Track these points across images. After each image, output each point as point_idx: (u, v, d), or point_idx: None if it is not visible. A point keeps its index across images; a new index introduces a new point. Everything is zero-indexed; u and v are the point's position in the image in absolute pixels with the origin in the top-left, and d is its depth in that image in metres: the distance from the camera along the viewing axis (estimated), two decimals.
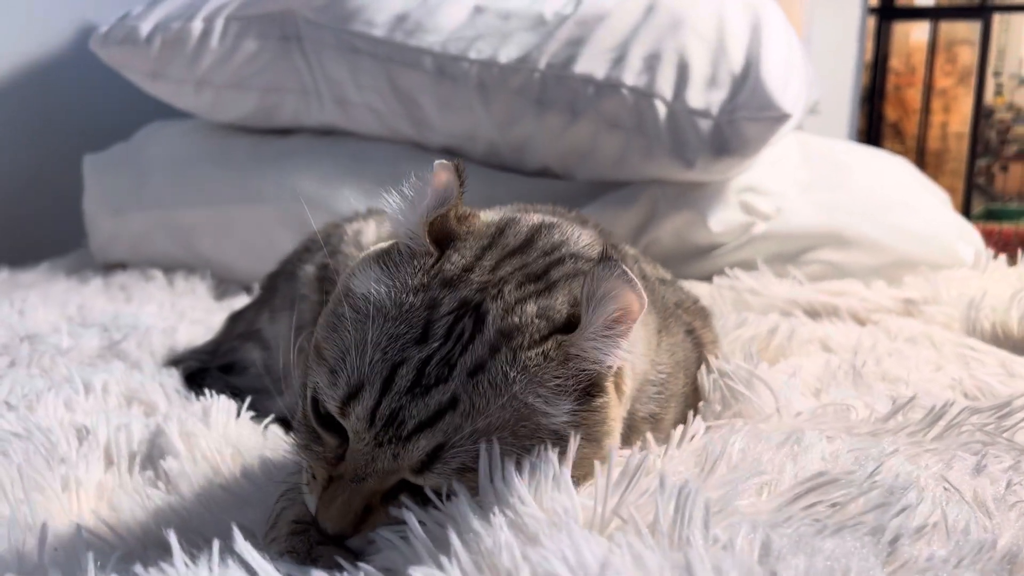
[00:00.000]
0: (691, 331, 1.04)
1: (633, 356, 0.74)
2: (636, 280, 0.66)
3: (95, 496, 0.87)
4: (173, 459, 0.93)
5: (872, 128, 3.15)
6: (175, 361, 1.37)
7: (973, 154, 3.11)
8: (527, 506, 0.64)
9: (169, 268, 2.07)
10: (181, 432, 0.97)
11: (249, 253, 1.98)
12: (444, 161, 0.73)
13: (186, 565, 0.59)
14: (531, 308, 0.70)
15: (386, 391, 0.67)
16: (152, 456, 0.95)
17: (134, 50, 2.07)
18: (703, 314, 1.12)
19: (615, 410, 0.72)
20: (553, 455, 0.68)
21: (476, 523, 0.62)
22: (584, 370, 0.69)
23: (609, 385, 0.71)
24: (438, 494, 0.68)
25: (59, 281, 2.02)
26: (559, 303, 0.71)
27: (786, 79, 1.74)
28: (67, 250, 2.37)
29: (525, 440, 0.67)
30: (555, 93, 1.83)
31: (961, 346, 1.32)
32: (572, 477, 0.68)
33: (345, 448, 0.70)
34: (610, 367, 0.70)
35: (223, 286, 2.01)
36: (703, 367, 1.04)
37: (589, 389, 0.70)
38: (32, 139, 2.53)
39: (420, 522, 0.65)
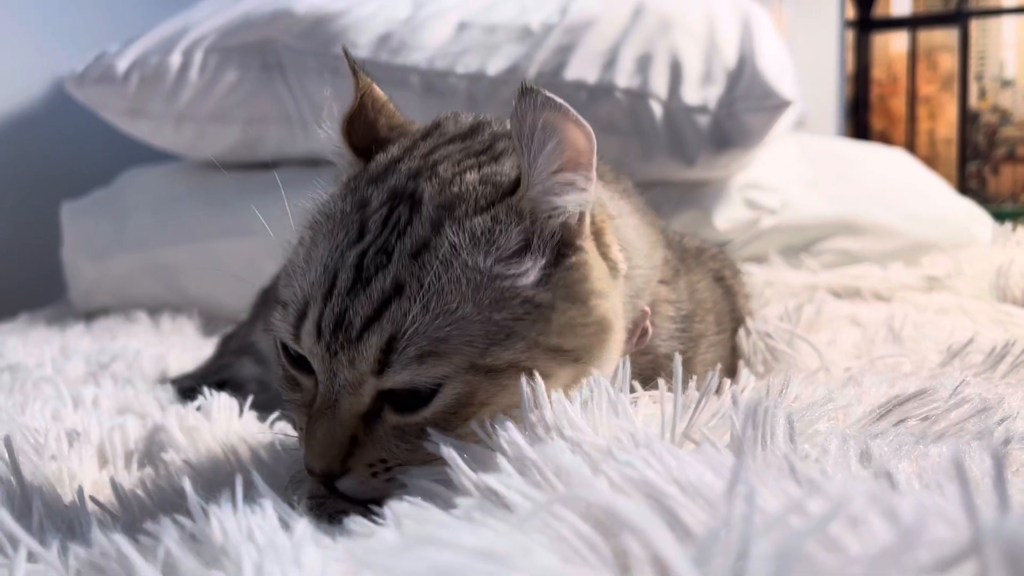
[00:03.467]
0: (720, 279, 0.98)
1: (611, 211, 0.68)
2: (569, 107, 0.59)
3: (91, 491, 0.77)
4: (175, 452, 0.84)
5: (859, 139, 3.13)
6: (168, 382, 1.29)
7: (963, 159, 3.09)
8: (583, 433, 0.56)
9: (154, 310, 1.98)
10: (182, 427, 0.89)
11: (237, 287, 1.88)
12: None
13: (203, 511, 0.51)
14: (472, 177, 0.65)
15: (328, 298, 0.62)
16: (151, 453, 0.87)
17: (111, 88, 2.01)
18: (731, 264, 1.06)
19: (599, 268, 0.66)
20: (605, 382, 0.61)
21: (529, 451, 0.55)
22: (545, 227, 0.63)
23: (586, 244, 0.65)
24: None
25: (39, 329, 1.92)
26: (506, 168, 0.65)
27: (781, 69, 1.71)
28: (43, 305, 2.27)
29: (493, 312, 0.61)
30: None
31: (996, 312, 1.26)
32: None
33: None
34: (578, 215, 0.64)
35: (211, 324, 1.92)
36: (741, 331, 0.98)
37: (560, 248, 0.64)
38: (2, 194, 2.45)
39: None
